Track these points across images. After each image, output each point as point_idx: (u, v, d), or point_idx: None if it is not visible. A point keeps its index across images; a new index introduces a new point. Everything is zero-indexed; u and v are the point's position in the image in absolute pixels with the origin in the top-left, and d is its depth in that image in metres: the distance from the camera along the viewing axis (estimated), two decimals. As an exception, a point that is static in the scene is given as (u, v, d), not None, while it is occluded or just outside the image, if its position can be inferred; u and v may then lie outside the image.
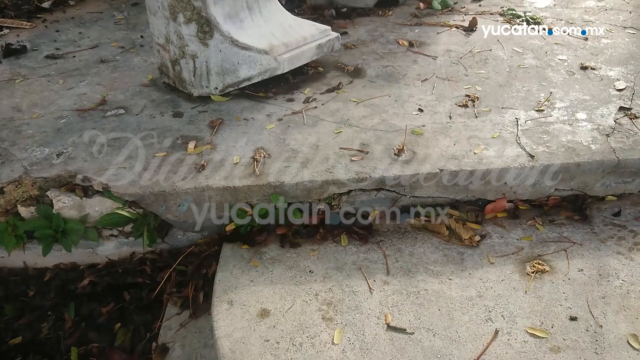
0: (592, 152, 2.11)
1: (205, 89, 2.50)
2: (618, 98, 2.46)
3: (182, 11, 2.30)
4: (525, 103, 2.44)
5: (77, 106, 2.49)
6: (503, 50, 2.91)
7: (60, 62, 2.90)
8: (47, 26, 3.34)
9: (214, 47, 2.38)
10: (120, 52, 3.00)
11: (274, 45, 2.47)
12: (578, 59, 2.81)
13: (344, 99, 2.50)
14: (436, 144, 2.16)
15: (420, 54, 2.90)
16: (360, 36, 3.11)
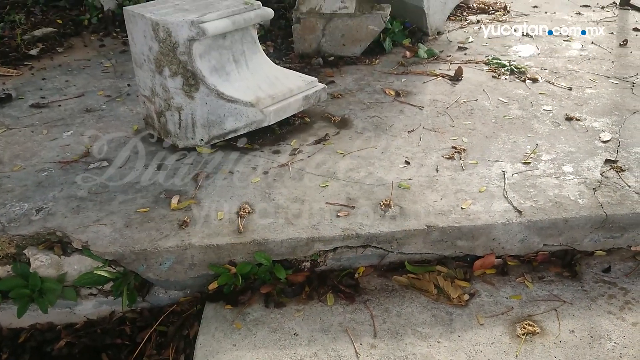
0: (579, 207, 2.09)
1: (191, 141, 2.48)
2: (604, 150, 2.47)
3: (168, 65, 2.30)
4: (511, 155, 2.43)
5: (60, 158, 2.45)
6: (489, 100, 2.93)
7: (45, 112, 2.87)
8: (33, 74, 3.33)
9: (200, 100, 2.38)
10: (106, 101, 2.99)
11: (260, 97, 2.47)
12: (563, 110, 2.83)
13: (330, 150, 2.49)
14: (423, 198, 2.14)
15: (406, 104, 2.91)
16: (347, 85, 3.13)
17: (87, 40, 3.83)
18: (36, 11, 4.20)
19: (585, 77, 3.21)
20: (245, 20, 2.40)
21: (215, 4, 2.43)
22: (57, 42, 3.75)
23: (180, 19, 2.22)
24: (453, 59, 3.49)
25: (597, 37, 3.83)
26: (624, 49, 3.63)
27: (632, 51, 3.60)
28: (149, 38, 2.29)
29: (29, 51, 3.56)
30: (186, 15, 2.27)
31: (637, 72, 3.27)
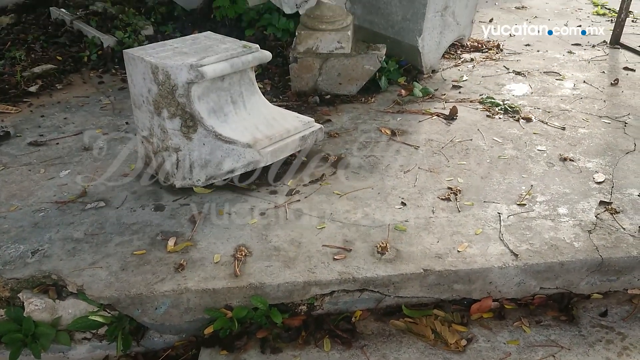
0: (575, 250, 2.10)
1: (188, 181, 2.49)
2: (598, 191, 2.49)
3: (167, 107, 2.32)
4: (506, 196, 2.45)
5: (57, 198, 2.45)
6: (483, 140, 2.97)
7: (43, 150, 2.89)
8: (32, 111, 3.35)
9: (198, 141, 2.39)
10: (104, 139, 3.00)
11: (258, 138, 2.49)
12: (557, 150, 2.86)
13: (327, 191, 2.50)
14: (420, 241, 2.15)
15: (402, 144, 2.94)
16: (343, 124, 3.16)
17: (86, 77, 3.87)
18: (36, 47, 4.24)
19: (578, 117, 3.25)
20: (244, 63, 2.43)
21: (214, 47, 2.47)
22: (56, 78, 3.78)
23: (179, 62, 2.26)
24: (448, 97, 3.54)
25: (588, 77, 3.90)
26: (615, 88, 3.69)
27: (624, 90, 3.66)
28: (148, 80, 2.32)
29: (28, 88, 3.59)
30: (185, 58, 2.30)
31: (628, 112, 3.32)
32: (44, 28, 4.67)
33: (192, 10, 4.89)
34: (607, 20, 5.41)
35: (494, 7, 5.94)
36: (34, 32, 4.54)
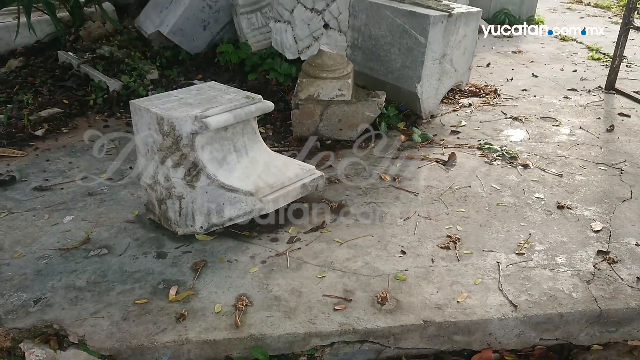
0: (574, 301, 2.12)
1: (190, 228, 2.52)
2: (595, 240, 2.52)
3: (171, 156, 2.38)
4: (505, 245, 2.48)
5: (60, 245, 2.48)
6: (482, 187, 3.01)
7: (48, 195, 2.93)
8: (38, 155, 3.41)
9: (201, 189, 2.44)
10: (108, 183, 3.05)
11: (260, 186, 2.53)
12: (554, 197, 2.90)
13: (327, 239, 2.53)
14: (419, 291, 2.17)
15: (402, 190, 2.98)
16: (344, 169, 3.21)
17: (91, 121, 3.95)
18: (44, 91, 4.33)
19: (575, 164, 3.31)
20: (247, 113, 2.50)
21: (218, 97, 2.54)
22: (62, 122, 3.85)
23: (184, 113, 2.32)
24: (446, 142, 3.60)
25: (584, 122, 3.97)
26: (611, 135, 3.76)
27: (619, 136, 3.73)
28: (153, 130, 2.38)
29: (34, 132, 3.66)
30: (190, 109, 2.37)
31: (624, 159, 3.37)
32: (51, 71, 4.77)
33: (197, 55, 5.01)
34: (602, 65, 5.52)
35: (491, 51, 6.08)
36: (41, 76, 4.64)
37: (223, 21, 5.04)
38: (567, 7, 9.03)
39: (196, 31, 4.94)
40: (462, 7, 3.91)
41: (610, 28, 7.38)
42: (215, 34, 5.06)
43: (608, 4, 9.13)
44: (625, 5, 4.68)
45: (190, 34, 4.93)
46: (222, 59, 4.73)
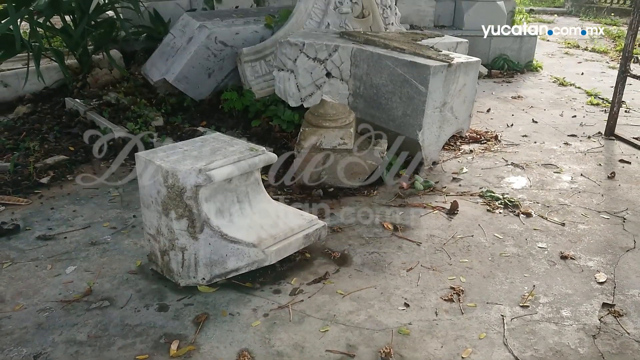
0: (580, 356, 2.09)
1: (193, 280, 2.51)
2: (600, 292, 2.50)
3: (175, 208, 2.40)
4: (509, 297, 2.46)
5: (62, 296, 2.47)
6: (484, 236, 3.01)
7: (51, 244, 2.93)
8: (42, 202, 3.43)
9: (204, 241, 2.44)
10: (111, 233, 3.06)
11: (262, 237, 2.54)
12: (557, 247, 2.90)
13: (330, 290, 2.52)
14: (423, 346, 2.14)
15: (404, 239, 2.98)
16: (346, 218, 3.22)
17: (96, 168, 3.99)
18: (50, 138, 4.40)
19: (577, 212, 3.31)
20: (250, 165, 2.53)
21: (222, 149, 2.58)
22: (67, 169, 3.89)
23: (188, 167, 2.35)
24: (448, 190, 3.62)
25: (585, 169, 3.99)
26: (612, 182, 3.78)
27: (620, 184, 3.74)
28: (157, 183, 2.41)
29: (40, 179, 3.69)
30: (194, 162, 2.40)
31: (626, 207, 3.38)
32: (58, 118, 4.85)
33: (201, 102, 5.09)
34: (601, 110, 5.59)
35: (491, 96, 6.17)
36: (48, 122, 4.72)
37: (227, 69, 5.14)
38: (565, 52, 9.21)
39: (201, 79, 5.04)
40: (461, 57, 4.00)
41: (607, 73, 7.51)
42: (220, 81, 5.16)
43: (605, 49, 9.30)
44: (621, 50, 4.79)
45: (195, 82, 5.03)
46: (226, 105, 4.81)
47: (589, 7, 15.20)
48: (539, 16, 14.74)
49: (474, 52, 7.03)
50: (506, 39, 7.49)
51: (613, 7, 14.23)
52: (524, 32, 7.70)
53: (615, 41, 10.28)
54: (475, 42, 7.25)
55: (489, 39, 7.43)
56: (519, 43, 7.54)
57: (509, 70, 7.33)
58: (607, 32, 11.16)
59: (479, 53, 7.26)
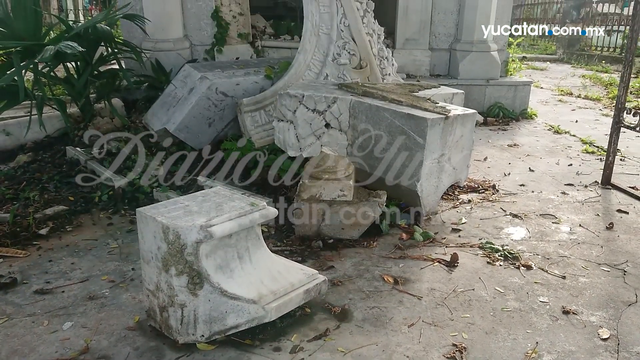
0: (586, 419, 2.05)
1: (192, 337, 2.48)
2: (604, 349, 2.48)
3: (175, 264, 2.39)
4: (512, 355, 2.43)
5: (59, 355, 2.43)
6: (486, 290, 2.99)
7: (48, 299, 2.90)
8: (41, 255, 3.41)
9: (203, 297, 2.43)
10: (109, 286, 3.03)
11: (263, 294, 2.53)
12: (559, 301, 2.88)
13: (331, 348, 2.48)
14: (426, 408, 2.10)
15: (405, 293, 2.96)
16: (346, 270, 3.21)
17: (96, 218, 3.99)
18: (50, 187, 4.42)
19: (577, 264, 3.31)
20: (251, 221, 2.54)
21: (224, 205, 2.59)
22: (67, 219, 3.90)
23: (189, 223, 2.36)
24: (448, 241, 3.62)
25: (584, 220, 4.01)
26: (611, 233, 3.79)
27: (619, 235, 3.75)
28: (158, 239, 2.41)
29: (38, 231, 3.69)
30: (195, 218, 2.41)
31: (626, 259, 3.38)
32: (59, 167, 4.89)
33: (201, 151, 5.14)
34: (596, 159, 5.66)
35: (487, 144, 6.25)
36: (49, 171, 4.75)
37: (228, 118, 5.22)
38: (559, 99, 9.38)
39: (201, 128, 5.11)
40: (457, 109, 4.07)
41: (601, 120, 7.64)
42: (220, 131, 5.22)
43: (597, 96, 9.48)
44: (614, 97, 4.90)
45: (196, 131, 5.09)
46: (226, 155, 4.85)
47: (580, 55, 15.59)
48: (531, 63, 15.09)
49: (470, 100, 7.22)
50: (501, 87, 7.64)
51: (604, 54, 14.59)
52: (518, 81, 7.86)
53: (607, 88, 10.49)
54: (471, 90, 7.42)
55: (484, 87, 7.58)
56: (514, 91, 7.69)
57: (504, 117, 7.45)
58: (599, 80, 11.40)
59: (474, 101, 7.45)
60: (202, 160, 5.05)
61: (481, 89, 7.57)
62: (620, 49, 14.02)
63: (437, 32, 7.80)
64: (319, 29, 5.23)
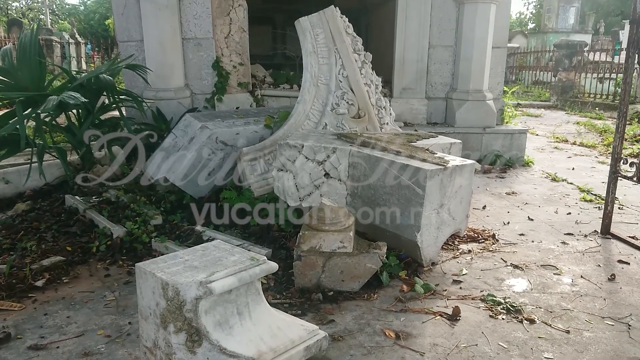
0: None
1: (189, 397, 2.41)
2: (612, 410, 2.42)
3: (174, 321, 2.35)
4: (519, 416, 2.37)
5: (51, 416, 2.36)
6: (489, 345, 2.94)
7: (42, 355, 2.84)
8: (36, 307, 3.35)
9: (202, 355, 2.37)
10: (105, 341, 2.97)
11: (262, 351, 2.47)
12: (564, 357, 2.83)
13: (332, 408, 2.42)
14: None
15: (407, 349, 2.91)
16: (347, 324, 3.16)
17: (93, 269, 3.94)
18: (48, 237, 4.38)
19: (581, 317, 3.27)
20: (251, 276, 2.52)
21: (224, 259, 2.58)
22: (63, 271, 3.84)
23: (189, 279, 2.34)
24: (449, 293, 3.58)
25: (585, 271, 3.99)
26: (613, 284, 3.76)
27: (622, 286, 3.72)
28: (157, 295, 2.38)
29: (35, 282, 3.64)
30: (195, 274, 2.39)
31: (630, 312, 3.34)
32: (57, 215, 4.87)
33: (200, 199, 5.14)
34: (594, 207, 5.67)
35: (485, 192, 6.27)
36: (47, 220, 4.72)
37: (227, 167, 5.24)
38: (554, 146, 9.49)
39: (201, 177, 5.12)
40: (456, 160, 4.11)
41: (597, 168, 7.70)
42: (220, 179, 5.23)
43: (593, 143, 9.60)
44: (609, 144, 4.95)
45: (196, 180, 5.10)
46: (225, 204, 4.85)
47: (573, 102, 15.89)
48: (526, 110, 15.35)
49: (467, 148, 7.30)
50: (497, 135, 7.74)
51: (597, 101, 14.86)
52: (514, 129, 7.97)
53: (602, 135, 10.64)
54: (468, 138, 7.51)
55: (481, 135, 7.68)
56: (510, 139, 7.78)
57: (501, 165, 7.51)
58: (593, 126, 11.57)
59: (471, 148, 7.53)
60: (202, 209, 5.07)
61: (478, 136, 7.67)
62: (613, 96, 14.30)
63: (434, 82, 7.95)
64: (318, 79, 5.33)
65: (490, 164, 7.49)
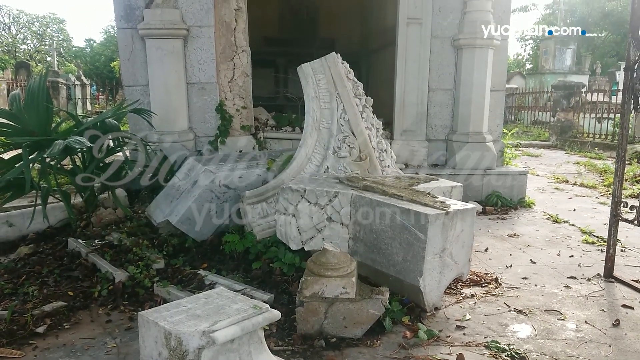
0: None
1: None
2: None
3: (176, 372, 2.34)
4: None
5: None
6: (494, 395, 2.91)
7: (42, 405, 2.81)
8: (36, 355, 3.32)
9: (204, 407, 2.35)
10: (106, 391, 2.94)
11: (265, 402, 2.45)
12: (570, 407, 2.79)
13: None
14: None
15: (411, 398, 2.87)
16: (350, 372, 3.13)
17: (94, 315, 3.92)
18: (50, 281, 4.38)
19: None
20: (254, 324, 2.52)
21: (226, 307, 2.58)
22: (65, 316, 3.82)
23: (192, 328, 2.34)
24: (453, 340, 3.55)
25: (589, 316, 3.96)
26: (618, 330, 3.72)
27: (627, 332, 3.69)
28: (159, 344, 2.38)
29: (36, 329, 3.62)
30: (198, 323, 2.39)
31: (636, 359, 3.30)
32: (60, 259, 4.87)
33: (203, 242, 5.16)
34: (597, 250, 5.66)
35: (487, 234, 6.27)
36: (49, 264, 4.72)
37: (229, 210, 5.28)
38: (555, 187, 9.52)
39: (204, 220, 5.15)
40: (457, 204, 4.14)
41: (598, 209, 7.70)
42: (222, 223, 5.27)
43: (593, 184, 9.64)
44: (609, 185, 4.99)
45: (198, 223, 5.13)
46: (227, 247, 4.87)
47: (573, 141, 16.02)
48: (526, 149, 15.47)
49: (468, 189, 7.35)
50: (498, 176, 7.78)
51: (596, 141, 14.99)
52: (514, 170, 8.02)
53: (602, 175, 10.69)
54: (469, 179, 7.56)
55: (482, 177, 7.72)
56: (511, 180, 7.82)
57: (502, 206, 7.53)
58: (593, 167, 11.64)
59: (472, 190, 7.57)
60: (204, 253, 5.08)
61: (479, 178, 7.71)
62: (612, 136, 14.44)
63: (434, 124, 8.06)
64: (320, 123, 5.42)
65: (491, 205, 7.51)
